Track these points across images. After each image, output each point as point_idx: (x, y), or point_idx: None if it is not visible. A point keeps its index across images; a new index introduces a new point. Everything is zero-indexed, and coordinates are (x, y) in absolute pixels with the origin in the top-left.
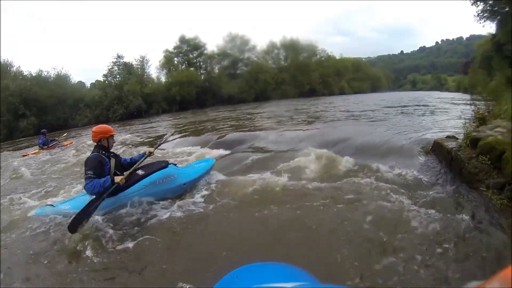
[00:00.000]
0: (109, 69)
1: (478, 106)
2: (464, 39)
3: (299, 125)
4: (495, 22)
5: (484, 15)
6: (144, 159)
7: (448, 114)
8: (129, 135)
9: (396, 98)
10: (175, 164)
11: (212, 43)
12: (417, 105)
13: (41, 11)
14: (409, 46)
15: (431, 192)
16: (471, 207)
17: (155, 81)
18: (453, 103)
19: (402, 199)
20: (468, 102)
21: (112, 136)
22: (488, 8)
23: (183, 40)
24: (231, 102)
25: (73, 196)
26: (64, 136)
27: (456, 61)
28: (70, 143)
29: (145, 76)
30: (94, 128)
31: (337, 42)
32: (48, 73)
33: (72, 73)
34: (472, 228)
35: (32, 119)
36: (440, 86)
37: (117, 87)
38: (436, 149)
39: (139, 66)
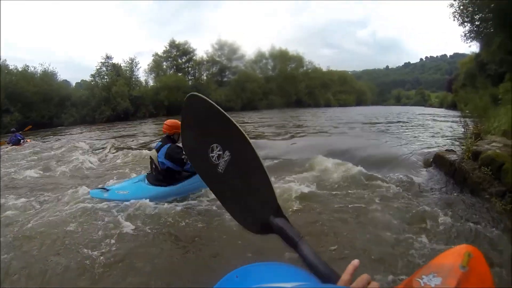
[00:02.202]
0: (97, 69)
1: (467, 123)
2: (448, 56)
3: (299, 134)
4: (479, 42)
5: (471, 35)
6: None
7: (437, 129)
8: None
9: (384, 112)
10: None
11: (201, 49)
12: (407, 121)
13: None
14: (395, 61)
15: (439, 199)
16: (478, 211)
17: (143, 84)
18: (440, 120)
19: (411, 205)
20: (453, 119)
21: None
22: (474, 28)
23: (172, 44)
24: None
25: (126, 180)
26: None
27: (440, 78)
28: (29, 140)
29: (133, 79)
30: (168, 122)
31: (325, 54)
32: (35, 68)
33: (58, 71)
34: (480, 229)
35: (16, 115)
36: (423, 101)
37: (105, 88)
38: (437, 161)
39: (127, 68)
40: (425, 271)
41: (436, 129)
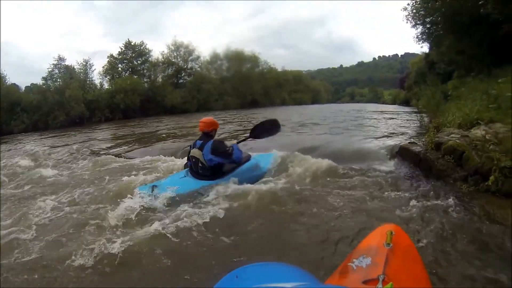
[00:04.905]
0: (49, 72)
1: (423, 117)
2: (399, 56)
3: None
4: (430, 43)
5: (423, 37)
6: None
7: (395, 124)
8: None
9: (340, 110)
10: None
11: (157, 50)
12: (364, 117)
13: None
14: (349, 60)
15: (410, 186)
16: (445, 194)
17: (98, 87)
18: (395, 116)
19: (387, 194)
20: (408, 115)
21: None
22: (426, 31)
23: (128, 45)
24: (174, 112)
25: (170, 176)
26: None
27: (392, 76)
28: None
29: (87, 82)
30: (205, 120)
31: (281, 55)
32: None
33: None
34: (448, 209)
35: None
36: (377, 99)
37: (57, 91)
38: (402, 152)
39: (82, 71)
40: (355, 255)
41: (393, 124)
